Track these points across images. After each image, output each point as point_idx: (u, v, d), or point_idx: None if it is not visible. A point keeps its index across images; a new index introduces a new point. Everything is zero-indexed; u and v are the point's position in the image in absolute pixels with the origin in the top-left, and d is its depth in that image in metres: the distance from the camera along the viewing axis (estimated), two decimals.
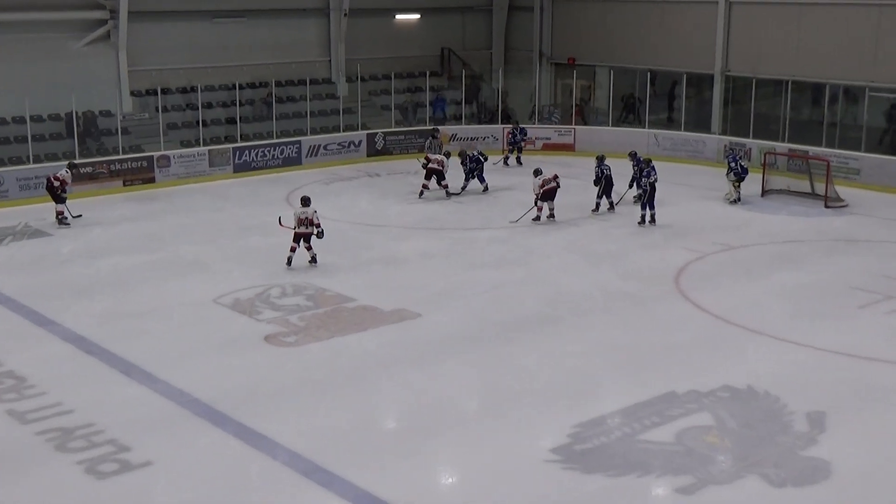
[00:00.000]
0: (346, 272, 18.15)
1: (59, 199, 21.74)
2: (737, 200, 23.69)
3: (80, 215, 22.08)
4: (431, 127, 29.46)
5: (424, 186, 24.37)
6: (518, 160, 28.36)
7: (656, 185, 21.58)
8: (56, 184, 21.72)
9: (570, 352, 14.45)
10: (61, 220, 21.69)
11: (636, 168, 22.95)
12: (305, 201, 18.51)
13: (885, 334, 15.23)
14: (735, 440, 11.68)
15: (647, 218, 21.45)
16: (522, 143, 28.79)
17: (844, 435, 11.76)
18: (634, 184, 22.98)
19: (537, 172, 21.76)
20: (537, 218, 21.81)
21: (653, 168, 21.76)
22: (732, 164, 23.86)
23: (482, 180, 25.02)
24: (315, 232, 18.10)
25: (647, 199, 21.60)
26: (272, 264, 18.61)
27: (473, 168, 24.87)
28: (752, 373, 13.48)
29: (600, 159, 22.68)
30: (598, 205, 22.55)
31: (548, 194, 21.62)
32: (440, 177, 24.29)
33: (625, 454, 11.23)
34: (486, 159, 25.08)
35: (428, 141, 27.49)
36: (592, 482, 10.68)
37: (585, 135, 30.51)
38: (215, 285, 17.35)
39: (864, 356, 14.19)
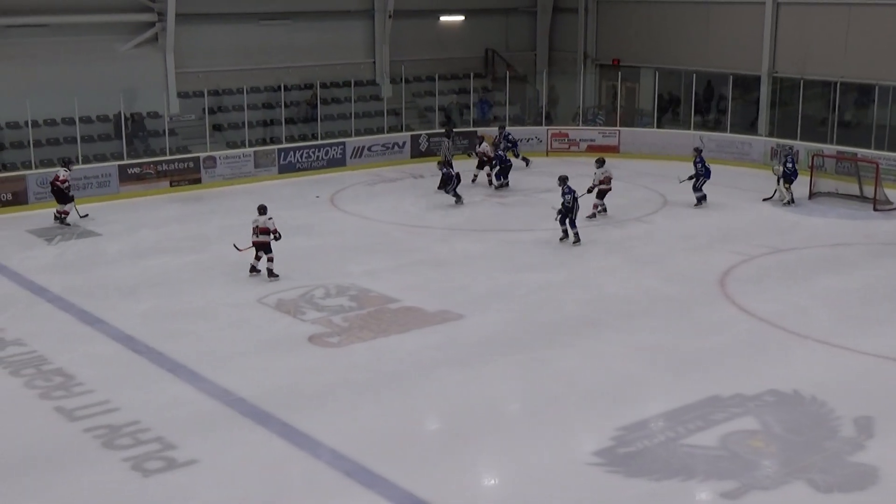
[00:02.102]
0: (390, 273, 18.20)
1: (66, 199, 22.02)
2: (790, 202, 23.36)
3: (87, 215, 22.31)
4: (444, 129, 28.94)
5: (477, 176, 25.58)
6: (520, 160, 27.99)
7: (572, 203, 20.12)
8: (65, 185, 21.97)
9: (613, 355, 14.38)
10: (63, 219, 21.92)
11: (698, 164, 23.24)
12: (262, 209, 17.99)
13: None
14: (781, 445, 11.56)
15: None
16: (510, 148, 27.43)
17: (893, 440, 11.58)
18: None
19: (601, 163, 21.73)
20: (592, 215, 21.78)
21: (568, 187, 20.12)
22: (789, 166, 23.54)
23: (502, 175, 25.60)
24: (272, 238, 17.71)
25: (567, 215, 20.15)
26: (316, 265, 18.72)
27: (507, 147, 26.19)
28: (799, 377, 13.33)
29: (563, 180, 20.40)
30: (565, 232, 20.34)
31: (602, 194, 21.84)
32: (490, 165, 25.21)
33: (668, 458, 11.15)
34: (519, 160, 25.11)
35: (446, 142, 27.05)
36: (635, 486, 10.62)
37: (629, 137, 30.35)
38: (260, 286, 17.49)
39: None
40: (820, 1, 28.62)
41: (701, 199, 23.05)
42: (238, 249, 18.06)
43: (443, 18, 33.55)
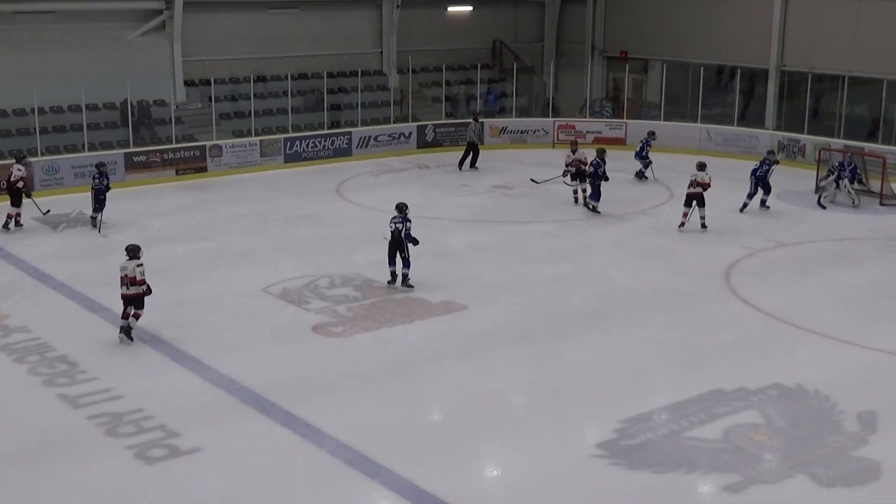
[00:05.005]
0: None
1: (19, 201, 20.36)
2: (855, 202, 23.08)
3: (49, 211, 21.17)
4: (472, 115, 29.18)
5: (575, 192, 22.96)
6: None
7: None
8: (20, 185, 20.37)
9: (618, 347, 14.37)
10: (17, 221, 20.43)
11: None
12: (131, 251, 14.25)
13: None
14: (784, 439, 11.54)
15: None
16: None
17: (895, 435, 11.59)
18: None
19: (701, 167, 20.76)
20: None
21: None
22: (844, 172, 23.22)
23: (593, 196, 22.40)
24: (142, 291, 14.14)
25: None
26: (321, 254, 18.73)
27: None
28: (803, 372, 13.31)
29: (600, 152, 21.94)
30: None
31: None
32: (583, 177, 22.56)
33: (671, 451, 11.14)
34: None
35: (473, 126, 27.40)
36: (638, 478, 10.61)
37: (637, 129, 30.23)
38: (264, 275, 17.49)
39: None
40: None
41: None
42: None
43: (451, 9, 33.51)
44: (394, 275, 16.77)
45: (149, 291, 14.18)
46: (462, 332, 14.96)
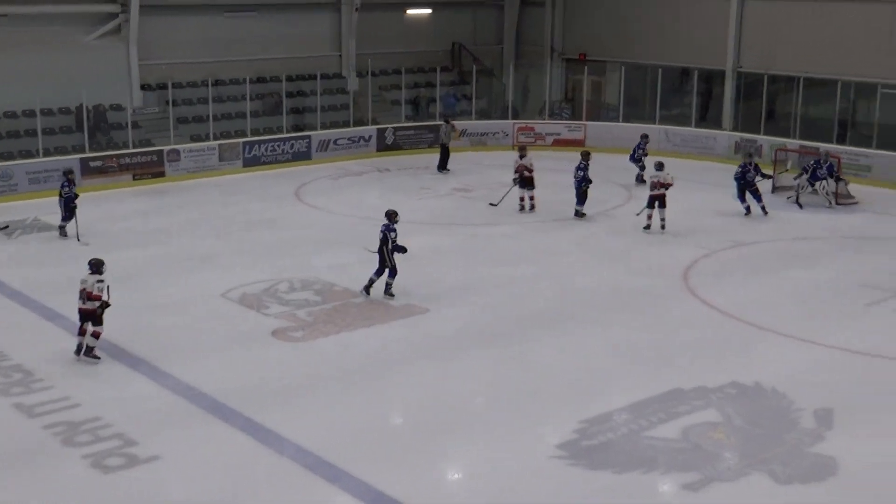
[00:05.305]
0: (355, 267, 18.05)
1: None
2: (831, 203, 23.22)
3: (7, 226, 20.76)
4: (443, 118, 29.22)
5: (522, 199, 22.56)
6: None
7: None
8: None
9: (579, 348, 14.44)
10: None
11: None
12: (94, 266, 13.83)
13: (894, 332, 15.15)
14: (742, 437, 11.65)
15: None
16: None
17: (851, 432, 11.71)
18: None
19: (660, 166, 20.85)
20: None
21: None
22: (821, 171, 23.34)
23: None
24: (97, 307, 13.64)
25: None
26: (280, 259, 18.65)
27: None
28: (760, 370, 13.45)
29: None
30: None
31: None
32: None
33: (631, 451, 11.21)
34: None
35: (444, 128, 27.57)
36: (598, 479, 10.66)
37: (596, 131, 30.44)
38: (223, 280, 17.36)
39: (871, 354, 14.14)
40: None
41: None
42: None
43: (410, 12, 33.49)
44: (371, 281, 16.54)
45: (105, 305, 13.69)
46: (423, 336, 14.96)
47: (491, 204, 22.38)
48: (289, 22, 30.68)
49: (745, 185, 22.03)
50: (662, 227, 20.49)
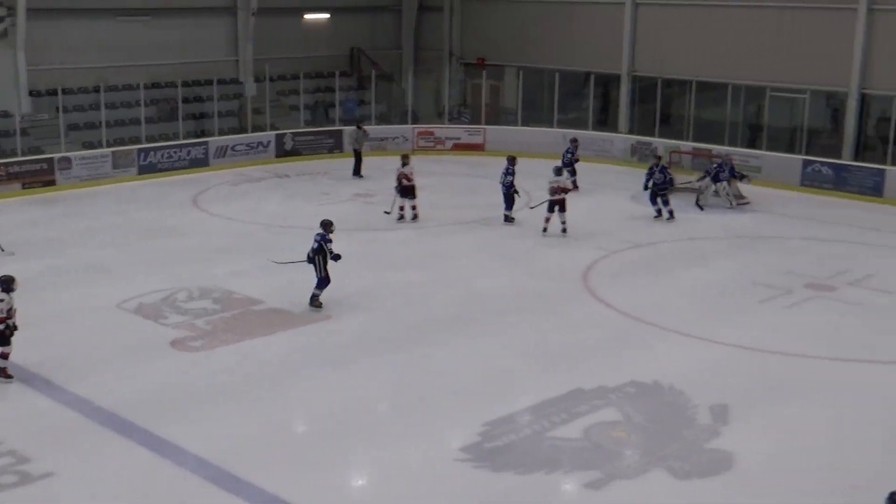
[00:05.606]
0: (255, 274, 17.92)
1: None
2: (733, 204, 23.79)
3: None
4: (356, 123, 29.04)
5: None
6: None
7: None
8: None
9: (480, 351, 14.50)
10: None
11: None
12: (2, 283, 13.17)
13: (785, 328, 15.63)
14: (641, 435, 11.86)
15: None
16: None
17: (746, 426, 12.03)
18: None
19: (558, 171, 20.97)
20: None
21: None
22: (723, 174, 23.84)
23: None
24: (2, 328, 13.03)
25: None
26: (178, 267, 18.31)
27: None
28: (658, 368, 13.71)
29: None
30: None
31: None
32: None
33: (534, 452, 11.31)
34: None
35: (355, 133, 27.44)
36: (502, 480, 10.73)
37: (495, 135, 30.68)
38: (119, 290, 16.96)
39: (764, 349, 14.56)
40: (677, 2, 29.50)
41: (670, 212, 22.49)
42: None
43: (307, 16, 33.29)
44: (315, 295, 16.18)
45: (8, 330, 13.01)
46: (325, 342, 14.86)
47: (385, 212, 22.21)
48: (184, 26, 30.19)
49: (655, 187, 22.33)
50: (563, 230, 20.72)
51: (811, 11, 26.75)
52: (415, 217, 21.97)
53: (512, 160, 22.00)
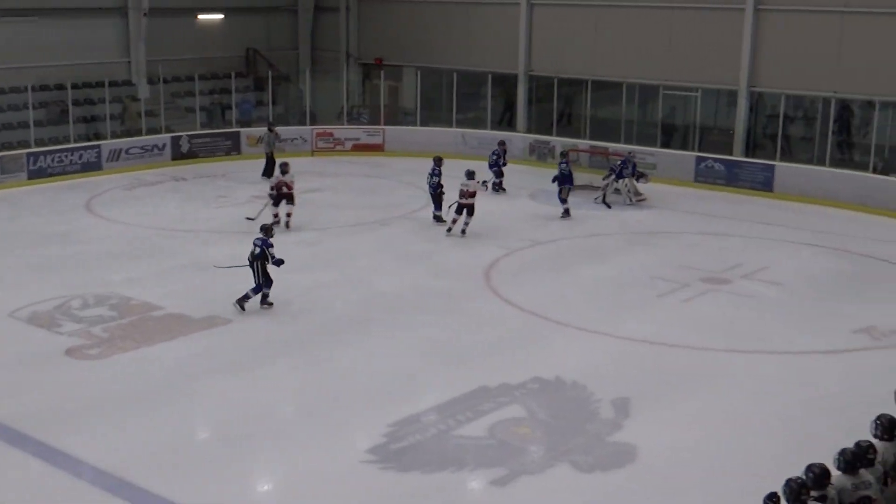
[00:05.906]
0: (152, 280, 17.57)
1: None
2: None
3: None
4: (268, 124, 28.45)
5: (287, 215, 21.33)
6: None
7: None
8: None
9: (384, 352, 14.47)
10: None
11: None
12: None
13: (682, 321, 15.98)
14: (545, 430, 11.99)
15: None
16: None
17: (647, 419, 12.24)
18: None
19: (470, 175, 20.77)
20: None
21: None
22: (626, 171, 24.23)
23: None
24: None
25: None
26: (73, 274, 17.82)
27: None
28: (560, 364, 13.87)
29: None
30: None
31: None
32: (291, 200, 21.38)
33: (440, 451, 11.33)
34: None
35: (266, 136, 27.03)
36: (408, 480, 10.72)
37: (394, 135, 30.66)
38: (10, 299, 16.40)
39: (663, 343, 14.85)
40: (571, 3, 29.87)
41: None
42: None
43: (201, 17, 32.71)
44: (247, 297, 15.92)
45: None
46: (227, 347, 14.65)
47: (248, 218, 21.43)
48: (72, 27, 29.33)
49: (562, 178, 22.51)
50: (463, 231, 20.75)
51: (700, 12, 27.38)
52: (288, 224, 21.19)
53: (438, 161, 22.05)
